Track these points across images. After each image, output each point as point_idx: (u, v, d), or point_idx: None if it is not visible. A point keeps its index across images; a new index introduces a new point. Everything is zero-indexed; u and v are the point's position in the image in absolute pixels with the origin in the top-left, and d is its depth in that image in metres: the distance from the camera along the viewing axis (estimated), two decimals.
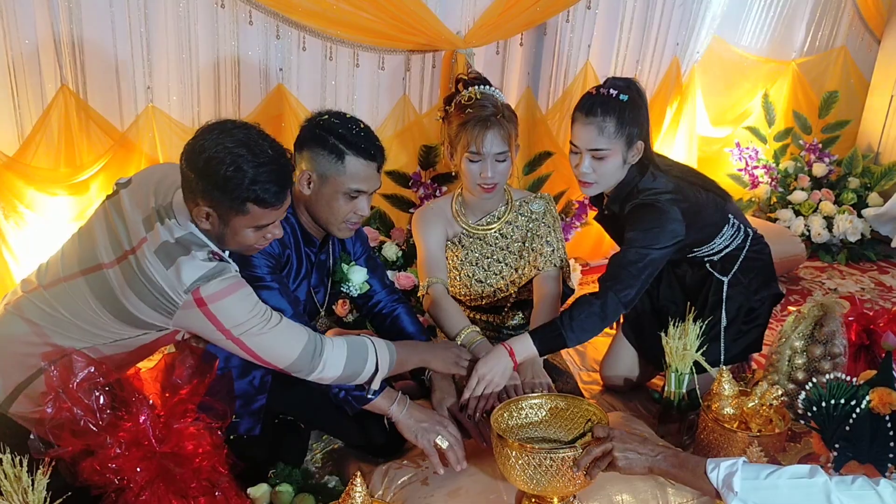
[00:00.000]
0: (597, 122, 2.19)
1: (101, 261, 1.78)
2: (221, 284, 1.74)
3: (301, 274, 2.15)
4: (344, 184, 1.98)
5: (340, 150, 1.96)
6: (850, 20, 4.38)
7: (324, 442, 2.35)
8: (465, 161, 2.32)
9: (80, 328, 1.79)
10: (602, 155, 2.23)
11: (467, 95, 2.36)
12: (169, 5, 2.60)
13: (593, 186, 2.32)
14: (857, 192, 4.29)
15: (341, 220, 2.04)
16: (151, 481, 1.64)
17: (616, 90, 2.20)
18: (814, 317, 2.42)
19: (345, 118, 2.03)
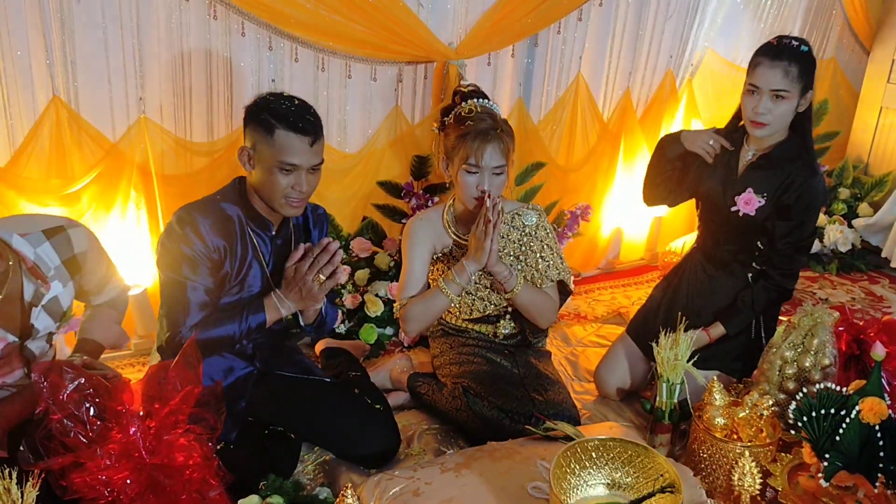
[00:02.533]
0: (783, 66, 2.42)
1: None
2: None
3: (248, 259, 2.19)
4: (274, 157, 2.03)
5: (271, 124, 2.02)
6: (839, 32, 4.42)
7: (315, 453, 2.34)
8: (461, 173, 2.33)
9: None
10: (783, 95, 2.43)
11: (467, 108, 2.38)
12: (161, 17, 2.61)
13: (767, 127, 2.49)
14: (847, 203, 4.31)
15: (281, 196, 2.08)
16: (141, 493, 1.63)
17: (797, 42, 2.47)
18: (804, 327, 2.42)
19: (281, 95, 2.10)
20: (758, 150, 2.60)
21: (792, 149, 2.55)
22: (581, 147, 3.70)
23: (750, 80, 2.49)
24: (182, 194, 2.83)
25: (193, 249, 2.06)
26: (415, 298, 2.45)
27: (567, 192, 3.70)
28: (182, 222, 2.08)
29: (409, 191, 3.19)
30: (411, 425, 2.53)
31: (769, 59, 2.44)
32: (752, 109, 2.48)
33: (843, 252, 4.14)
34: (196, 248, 2.06)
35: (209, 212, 2.11)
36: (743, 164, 2.62)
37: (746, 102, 2.50)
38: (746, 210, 2.57)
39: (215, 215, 2.12)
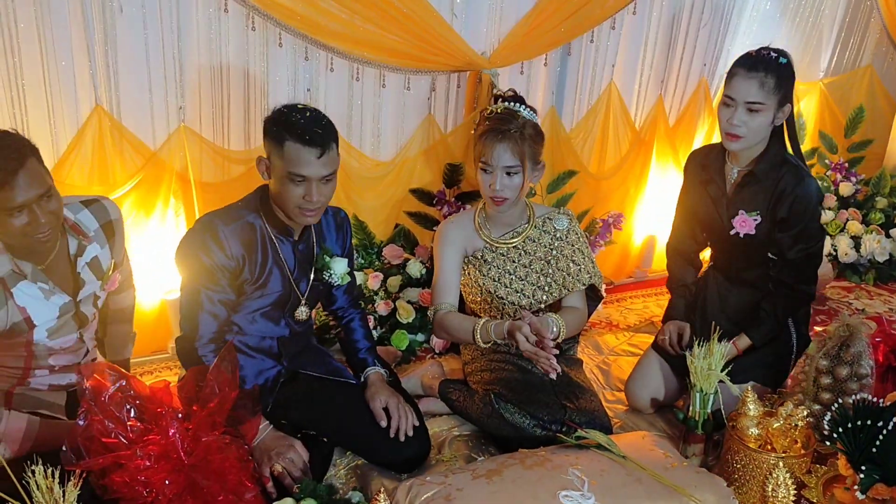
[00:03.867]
0: (759, 77, 2.36)
1: None
2: None
3: (269, 266, 2.22)
4: (284, 168, 2.06)
5: (281, 136, 2.05)
6: (876, 39, 4.36)
7: (347, 457, 2.37)
8: (478, 172, 2.40)
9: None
10: (757, 108, 2.38)
11: (493, 109, 2.41)
12: (201, 28, 2.66)
13: (741, 140, 2.44)
14: (884, 212, 4.24)
15: (294, 206, 2.11)
16: (179, 494, 1.66)
17: (776, 53, 2.41)
18: (840, 337, 2.40)
19: (295, 106, 2.12)
20: (740, 169, 2.55)
21: (774, 159, 2.50)
22: (613, 155, 3.70)
23: (725, 90, 2.44)
24: (219, 201, 2.86)
25: (212, 259, 2.11)
26: (452, 315, 2.44)
27: (599, 201, 3.70)
28: (203, 229, 2.13)
29: (442, 198, 3.21)
30: (442, 431, 2.55)
31: (745, 69, 2.39)
32: (726, 121, 2.43)
33: (880, 262, 4.08)
34: (214, 257, 2.11)
35: (231, 219, 2.16)
36: (729, 184, 2.59)
37: (722, 114, 2.45)
38: (745, 230, 2.54)
39: (237, 223, 2.16)
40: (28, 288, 1.97)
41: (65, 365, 2.11)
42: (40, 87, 2.51)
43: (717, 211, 2.60)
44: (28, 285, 1.97)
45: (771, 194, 2.49)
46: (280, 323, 2.32)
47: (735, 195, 2.56)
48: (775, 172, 2.49)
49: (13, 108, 2.49)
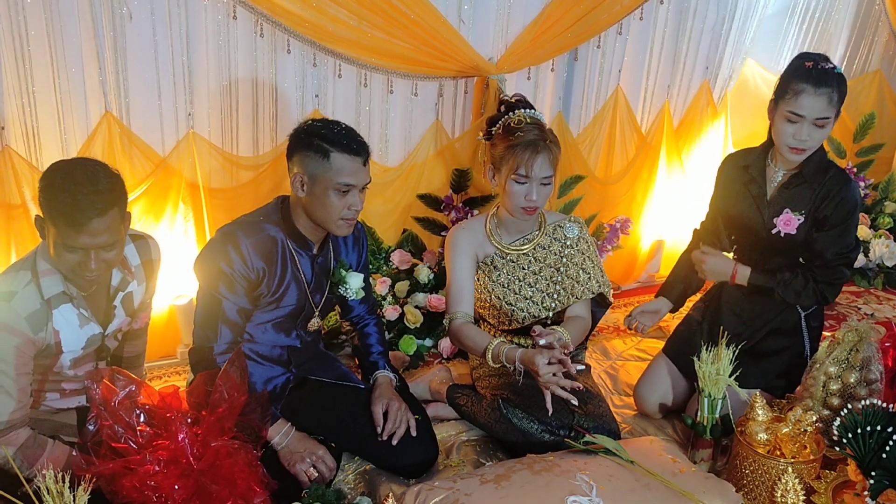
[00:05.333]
0: (828, 93, 2.37)
1: None
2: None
3: (286, 280, 2.23)
4: (332, 179, 2.09)
5: (325, 149, 2.08)
6: (885, 44, 4.35)
7: (355, 462, 2.37)
8: (510, 183, 2.36)
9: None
10: (823, 123, 2.39)
11: (517, 119, 2.40)
12: (210, 34, 2.68)
13: (805, 153, 2.46)
14: (893, 217, 4.23)
15: (337, 217, 2.14)
16: (189, 499, 1.67)
17: (831, 64, 2.42)
18: (849, 342, 2.39)
19: (327, 121, 2.17)
20: (787, 170, 2.56)
21: (821, 162, 2.52)
22: (620, 160, 3.70)
23: (791, 107, 2.39)
24: (228, 207, 2.90)
25: (233, 268, 2.13)
26: (468, 328, 2.43)
27: (606, 205, 3.70)
28: (225, 240, 2.14)
29: (449, 204, 3.22)
30: (450, 436, 2.55)
31: (813, 86, 2.36)
32: (792, 137, 2.41)
33: (889, 266, 4.07)
34: (236, 266, 2.13)
35: (252, 232, 2.17)
36: (773, 185, 2.59)
37: (785, 129, 2.42)
38: (788, 230, 2.54)
39: (258, 236, 2.17)
40: (68, 313, 1.98)
41: (75, 389, 2.11)
42: (51, 94, 2.53)
43: (759, 210, 2.60)
44: (69, 310, 1.98)
45: (816, 196, 2.50)
46: (291, 334, 2.34)
47: (779, 195, 2.57)
48: (821, 175, 2.51)
49: (24, 114, 2.51)
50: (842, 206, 2.48)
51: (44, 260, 1.94)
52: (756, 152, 2.64)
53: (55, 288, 1.94)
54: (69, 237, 1.82)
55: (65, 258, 1.87)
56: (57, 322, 1.95)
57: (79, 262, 1.87)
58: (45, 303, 1.92)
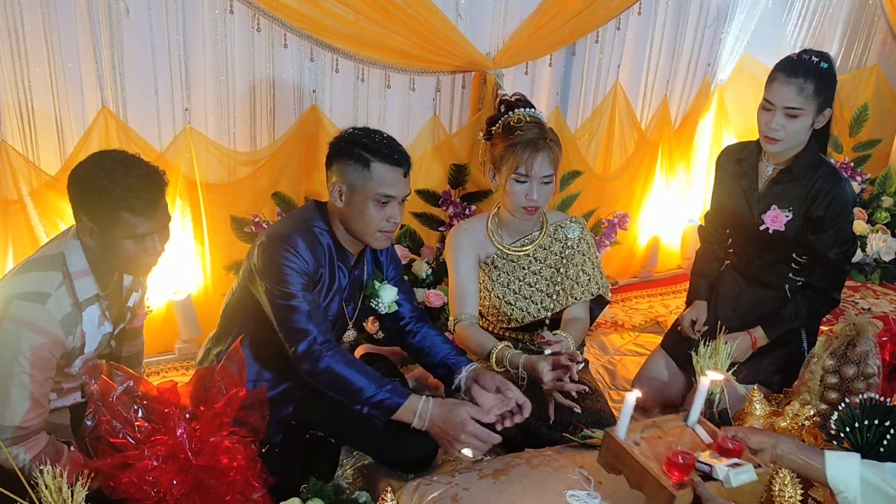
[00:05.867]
0: (798, 83, 2.37)
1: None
2: (30, 314, 1.81)
3: (333, 289, 2.18)
4: (372, 190, 2.04)
5: (366, 158, 2.03)
6: (882, 38, 4.36)
7: (354, 457, 2.37)
8: (510, 182, 2.35)
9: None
10: (795, 114, 2.39)
11: (516, 117, 2.39)
12: (207, 29, 2.67)
13: (779, 143, 2.45)
14: (890, 211, 4.24)
15: (375, 229, 2.08)
16: (187, 494, 1.67)
17: (817, 58, 2.41)
18: (846, 336, 2.39)
19: (368, 130, 2.11)
20: (776, 165, 2.56)
21: (811, 159, 2.51)
22: (619, 156, 3.70)
23: (765, 94, 2.44)
24: (225, 202, 2.89)
25: (297, 264, 2.04)
26: (473, 330, 2.40)
27: (604, 201, 3.70)
28: (282, 241, 2.05)
29: (447, 199, 3.22)
30: None
31: (784, 74, 2.39)
32: (765, 125, 2.44)
33: (886, 261, 4.08)
34: (299, 263, 2.04)
35: (306, 235, 2.09)
36: (763, 180, 2.60)
37: (761, 117, 2.47)
38: (775, 227, 2.54)
39: (312, 240, 2.10)
40: (93, 313, 1.96)
41: (72, 387, 2.09)
42: (47, 89, 2.52)
43: (748, 205, 2.61)
44: (95, 311, 1.97)
45: (807, 193, 2.50)
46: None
47: (768, 191, 2.57)
48: (812, 172, 2.50)
49: (20, 109, 2.51)
50: (834, 205, 2.48)
51: (76, 260, 1.91)
52: (750, 146, 2.64)
53: (90, 290, 1.93)
54: (137, 225, 1.83)
55: (126, 250, 1.86)
56: (85, 325, 1.94)
57: (143, 250, 1.87)
58: (76, 306, 1.91)
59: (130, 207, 1.81)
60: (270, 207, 2.99)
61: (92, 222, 1.85)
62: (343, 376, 2.02)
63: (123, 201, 1.80)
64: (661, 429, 1.86)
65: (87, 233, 1.88)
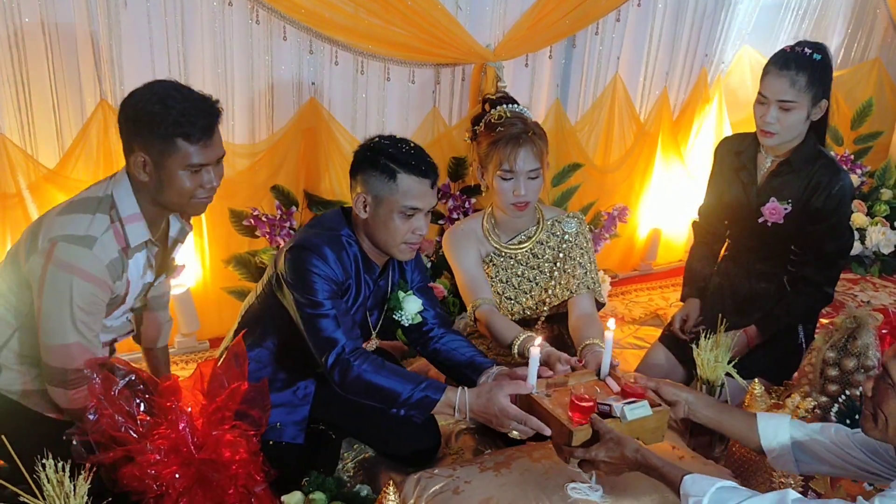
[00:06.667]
0: (790, 76, 2.37)
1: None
2: (78, 258, 1.78)
3: (360, 300, 2.15)
4: (398, 202, 1.98)
5: (392, 170, 1.98)
6: (884, 32, 4.35)
7: (355, 451, 2.37)
8: (497, 180, 2.33)
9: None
10: (789, 107, 2.39)
11: (497, 114, 2.37)
12: (205, 21, 2.66)
13: (774, 137, 2.45)
14: (889, 204, 4.24)
15: (400, 241, 2.03)
16: (189, 488, 1.67)
17: (810, 49, 2.40)
18: (847, 329, 2.39)
19: (395, 139, 2.06)
20: (775, 157, 2.56)
21: (810, 151, 2.51)
22: (618, 148, 3.70)
23: (760, 88, 2.45)
24: (224, 195, 2.87)
25: (326, 274, 2.00)
26: (497, 317, 2.35)
27: (604, 194, 3.70)
28: (311, 251, 2.00)
29: (446, 192, 3.21)
30: (449, 424, 2.54)
31: (777, 68, 2.40)
32: (760, 118, 2.45)
33: (885, 254, 4.08)
34: (328, 272, 2.00)
35: (334, 245, 2.05)
36: (762, 172, 2.59)
37: (756, 110, 2.47)
38: (774, 219, 2.54)
39: (340, 250, 2.05)
40: (139, 261, 1.93)
41: (104, 342, 2.06)
42: (45, 81, 2.51)
43: (747, 197, 2.60)
44: (142, 258, 1.93)
45: (805, 186, 2.50)
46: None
47: (767, 183, 2.57)
48: (810, 164, 2.50)
49: (18, 102, 2.50)
50: (833, 197, 2.47)
51: (128, 204, 1.87)
52: (749, 138, 2.64)
53: (141, 236, 1.90)
54: (192, 155, 1.80)
55: (181, 184, 1.83)
56: (130, 271, 1.91)
57: (199, 184, 1.85)
58: (122, 251, 1.87)
59: (185, 134, 1.78)
60: (269, 200, 2.98)
61: (146, 153, 1.80)
62: (376, 384, 1.97)
63: (178, 127, 1.77)
64: (578, 381, 2.02)
65: (140, 167, 1.83)
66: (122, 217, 1.87)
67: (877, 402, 1.56)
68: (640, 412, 1.83)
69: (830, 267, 2.56)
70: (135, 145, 1.82)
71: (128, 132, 1.83)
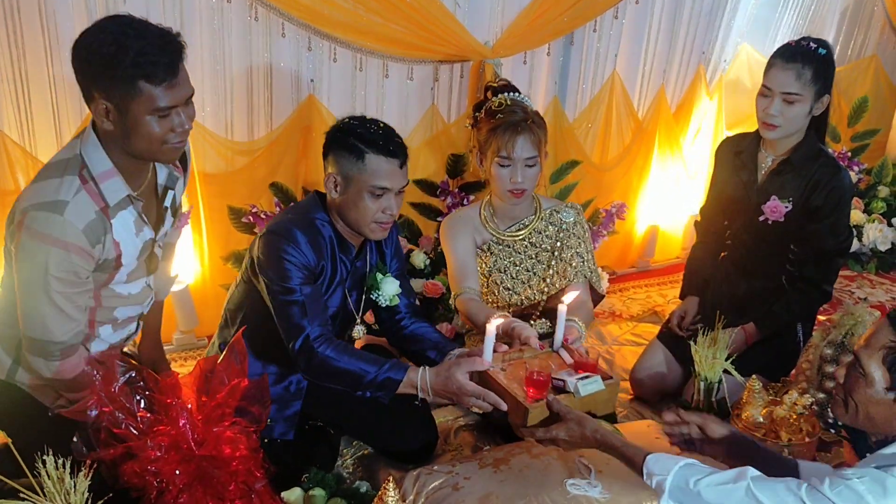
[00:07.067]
0: (796, 69, 2.39)
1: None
2: (49, 226, 1.68)
3: (335, 281, 2.17)
4: (367, 182, 2.01)
5: (360, 150, 2.00)
6: (880, 29, 4.36)
7: (354, 447, 2.38)
8: (494, 166, 2.36)
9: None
10: (793, 99, 2.41)
11: (497, 102, 2.40)
12: (204, 19, 2.66)
13: (777, 130, 2.46)
14: (886, 201, 4.25)
15: (370, 221, 2.06)
16: (190, 484, 1.67)
17: (815, 44, 2.43)
18: (845, 325, 2.41)
19: (364, 119, 2.08)
20: (776, 156, 2.57)
21: (811, 149, 2.52)
22: (616, 145, 3.70)
23: (764, 80, 2.46)
24: (223, 193, 2.89)
25: (298, 259, 2.03)
26: (473, 303, 2.37)
27: (602, 191, 3.70)
28: (283, 236, 2.04)
29: (445, 189, 3.22)
30: (448, 421, 2.56)
31: (783, 60, 2.42)
32: (763, 111, 2.46)
33: (882, 251, 4.09)
34: (300, 257, 2.03)
35: (306, 229, 2.08)
36: (763, 170, 2.60)
37: (759, 103, 2.48)
38: (775, 217, 2.55)
39: (312, 233, 2.08)
40: (126, 219, 1.83)
41: (129, 317, 2.03)
42: (44, 79, 2.51)
43: (748, 196, 2.61)
44: (128, 215, 1.83)
45: (806, 184, 2.51)
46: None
47: (768, 182, 2.57)
48: (811, 163, 2.51)
49: (17, 100, 2.50)
50: (833, 195, 2.48)
51: (98, 160, 1.76)
52: (749, 137, 2.64)
53: (120, 192, 1.79)
54: (158, 97, 1.67)
55: (150, 130, 1.70)
56: (117, 232, 1.82)
57: (169, 128, 1.72)
58: (101, 212, 1.76)
59: (147, 75, 1.64)
60: (268, 197, 2.98)
61: (107, 99, 1.68)
62: (340, 368, 2.02)
63: (138, 68, 1.63)
64: (534, 355, 2.06)
65: (103, 115, 1.70)
66: (94, 175, 1.76)
67: (848, 390, 1.60)
68: (593, 387, 1.89)
69: (829, 265, 2.57)
70: (94, 92, 1.69)
71: (84, 78, 1.69)
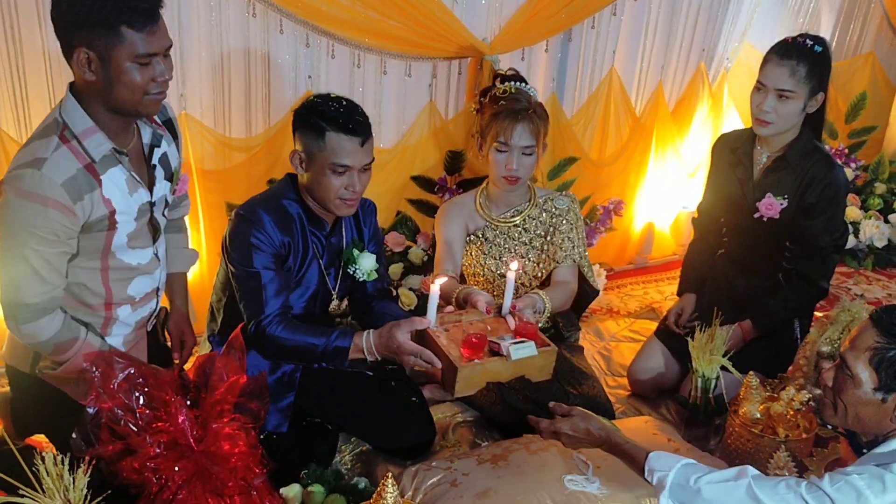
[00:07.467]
0: (790, 65, 2.39)
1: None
2: (27, 182, 1.69)
3: (309, 256, 2.20)
4: (327, 159, 2.04)
5: (321, 127, 2.03)
6: (878, 25, 4.36)
7: (352, 444, 2.38)
8: (492, 151, 2.41)
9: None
10: (787, 96, 2.41)
11: (502, 89, 2.46)
12: (202, 15, 2.65)
13: (770, 126, 2.46)
14: (883, 198, 4.26)
15: (335, 197, 2.09)
16: (189, 480, 1.67)
17: (812, 41, 2.43)
18: (842, 322, 2.42)
19: (328, 97, 2.10)
20: (771, 153, 2.58)
21: (806, 146, 2.53)
22: (614, 142, 3.70)
23: (759, 76, 2.47)
24: (221, 189, 2.89)
25: (261, 241, 2.07)
26: (449, 282, 2.37)
27: (599, 187, 3.70)
28: (248, 217, 2.09)
29: (443, 185, 3.22)
30: (445, 417, 2.55)
31: (778, 56, 2.42)
32: (756, 106, 2.46)
33: (878, 247, 4.10)
34: (264, 239, 2.07)
35: (272, 209, 2.12)
36: (758, 168, 2.61)
37: (753, 99, 2.49)
38: (770, 214, 2.55)
39: (278, 212, 2.12)
40: (117, 177, 1.83)
41: (145, 293, 2.04)
42: (41, 74, 2.50)
43: (743, 193, 2.62)
44: (119, 174, 1.84)
45: (801, 181, 2.51)
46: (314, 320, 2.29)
47: (763, 179, 2.58)
48: (806, 159, 2.51)
49: (15, 96, 2.49)
50: (827, 191, 2.49)
51: (79, 120, 1.77)
52: (745, 135, 2.65)
53: (103, 147, 1.79)
54: (138, 43, 1.68)
55: (131, 78, 1.71)
56: (107, 189, 1.81)
57: (150, 76, 1.73)
58: (86, 168, 1.77)
59: (128, 21, 1.66)
60: None
61: (89, 48, 1.69)
62: (292, 343, 2.09)
63: (120, 14, 1.65)
64: (476, 318, 2.17)
65: (85, 65, 1.72)
66: (77, 134, 1.77)
67: (836, 392, 1.63)
68: (525, 352, 2.01)
69: (825, 261, 2.58)
70: (75, 41, 1.70)
71: (65, 28, 1.71)
